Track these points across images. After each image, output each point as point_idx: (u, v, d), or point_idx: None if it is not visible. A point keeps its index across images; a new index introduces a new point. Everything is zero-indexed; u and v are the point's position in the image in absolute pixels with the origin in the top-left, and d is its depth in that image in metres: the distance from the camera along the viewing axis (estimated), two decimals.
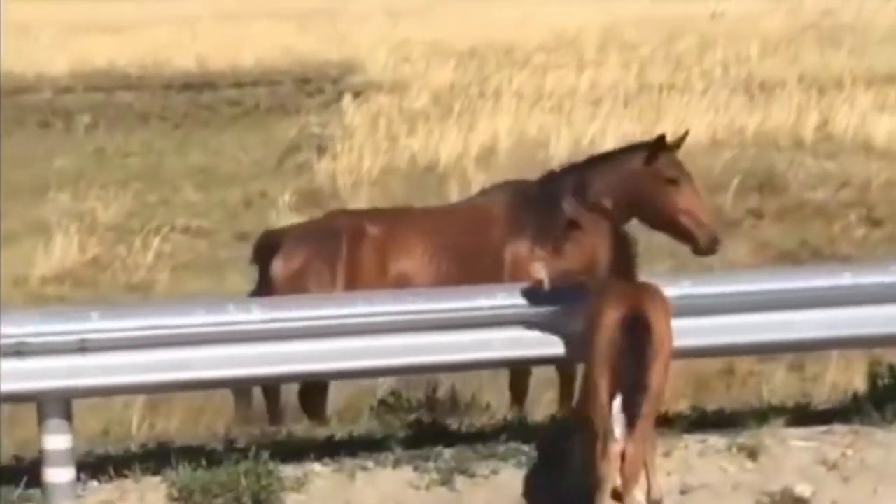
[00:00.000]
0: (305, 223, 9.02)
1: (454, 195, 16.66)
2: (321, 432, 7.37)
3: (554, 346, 6.66)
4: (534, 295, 6.49)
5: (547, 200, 7.76)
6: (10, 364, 6.20)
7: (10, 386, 6.22)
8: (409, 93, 24.00)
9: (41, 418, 6.33)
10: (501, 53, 27.45)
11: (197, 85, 26.76)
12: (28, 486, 6.46)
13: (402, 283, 7.62)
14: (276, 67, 27.72)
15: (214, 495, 6.38)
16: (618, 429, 5.80)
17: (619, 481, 5.88)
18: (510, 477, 6.82)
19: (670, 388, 8.71)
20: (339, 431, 7.37)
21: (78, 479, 6.50)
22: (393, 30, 30.46)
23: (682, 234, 7.92)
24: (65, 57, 27.55)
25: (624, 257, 6.86)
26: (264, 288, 7.74)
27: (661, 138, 7.83)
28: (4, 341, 6.15)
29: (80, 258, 15.87)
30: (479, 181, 18.54)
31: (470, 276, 7.48)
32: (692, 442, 7.27)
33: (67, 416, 6.36)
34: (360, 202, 16.60)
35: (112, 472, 6.64)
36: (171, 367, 6.36)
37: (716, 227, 7.84)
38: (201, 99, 26.16)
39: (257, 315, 6.44)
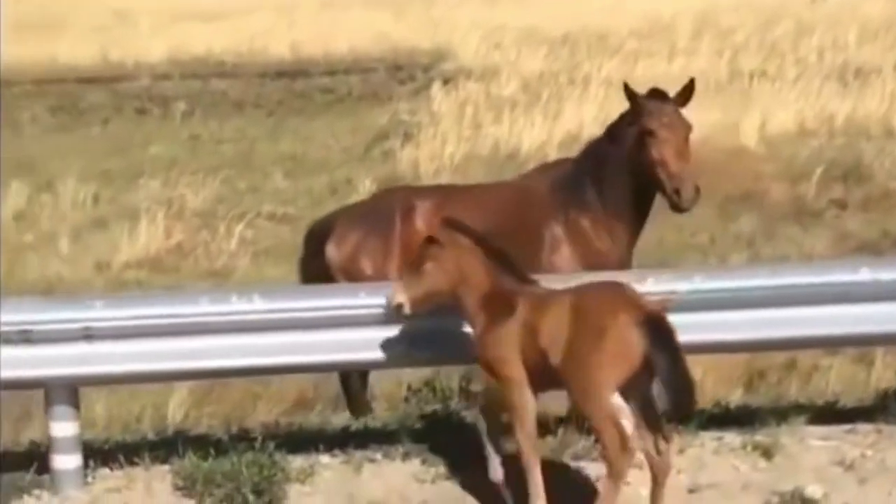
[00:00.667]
0: (355, 204, 9.03)
1: None
2: (336, 423, 7.47)
3: None
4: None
5: (578, 179, 7.59)
6: (18, 350, 6.38)
7: (17, 372, 6.40)
8: (498, 80, 23.96)
9: (48, 405, 6.52)
10: (594, 40, 27.27)
11: (291, 72, 27.01)
12: (39, 472, 6.65)
13: None
14: (370, 55, 27.85)
15: (217, 485, 6.51)
16: (629, 425, 5.83)
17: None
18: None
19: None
20: (354, 423, 7.46)
21: (87, 466, 6.68)
22: (488, 16, 30.42)
23: (657, 188, 7.33)
24: (163, 45, 28.02)
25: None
26: (321, 275, 7.78)
27: (652, 91, 7.42)
28: (11, 328, 6.32)
29: (164, 244, 16.17)
30: None
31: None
32: (708, 439, 7.24)
33: (74, 403, 6.54)
34: None
35: (122, 459, 6.81)
36: (175, 357, 6.49)
37: (684, 178, 7.06)
38: (295, 86, 26.40)
39: (259, 305, 6.53)
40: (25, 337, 6.41)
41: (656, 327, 5.74)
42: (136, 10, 32.07)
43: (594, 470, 6.83)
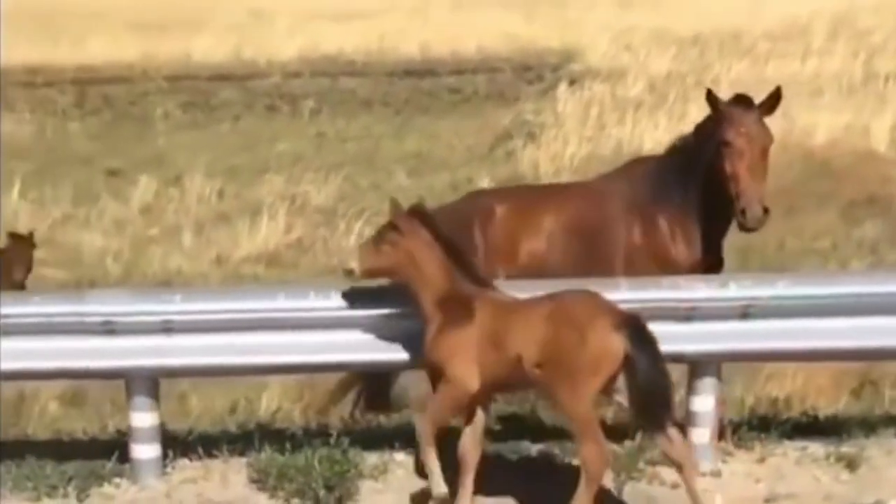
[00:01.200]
0: (440, 208, 9.05)
1: None
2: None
3: None
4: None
5: (661, 178, 7.38)
6: (101, 341, 6.53)
7: (100, 363, 6.56)
8: (624, 81, 23.74)
9: (129, 396, 6.66)
10: (725, 41, 26.84)
11: (419, 72, 27.11)
12: (120, 460, 6.79)
13: (533, 262, 7.59)
14: (498, 55, 27.81)
15: (289, 479, 6.58)
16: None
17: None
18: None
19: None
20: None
21: (167, 456, 6.81)
22: (620, 17, 30.18)
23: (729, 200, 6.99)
24: (295, 43, 28.35)
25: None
26: None
27: (736, 97, 7.14)
28: (95, 319, 6.48)
29: (283, 239, 16.39)
30: None
31: (591, 254, 7.39)
32: (791, 449, 7.10)
33: (154, 394, 6.66)
34: None
35: (201, 451, 6.92)
36: (252, 351, 6.58)
37: (752, 198, 6.74)
38: (423, 85, 26.49)
39: (337, 302, 6.58)
40: (108, 328, 6.55)
41: (635, 331, 5.79)
42: (272, 10, 32.54)
43: (671, 475, 6.76)
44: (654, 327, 6.60)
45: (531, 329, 5.86)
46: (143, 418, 6.63)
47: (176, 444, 7.01)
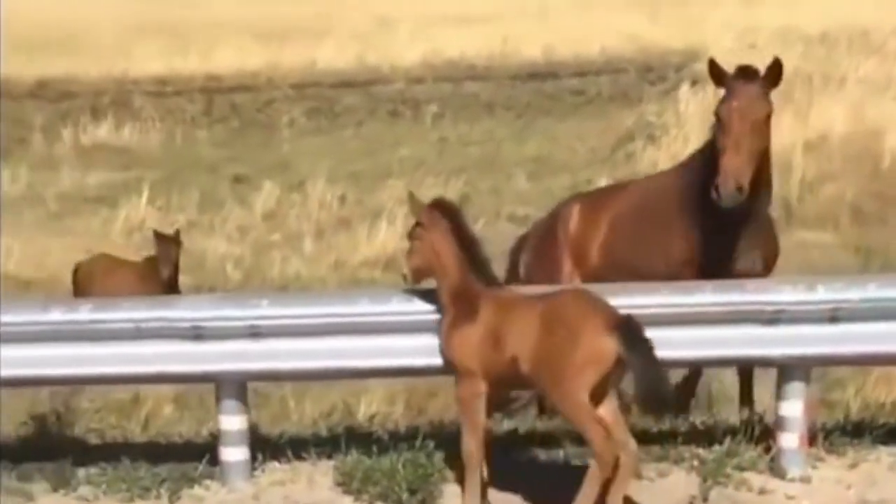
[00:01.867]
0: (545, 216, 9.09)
1: (776, 184, 16.28)
2: (505, 425, 7.51)
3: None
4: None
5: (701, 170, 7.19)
6: (190, 346, 6.68)
7: (189, 367, 6.71)
8: None
9: (218, 400, 6.79)
10: (853, 38, 26.26)
11: (542, 74, 27.05)
12: (211, 463, 6.93)
13: (602, 260, 7.60)
14: (621, 56, 27.60)
15: (374, 482, 6.65)
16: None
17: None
18: (678, 481, 6.74)
19: None
20: (522, 426, 7.48)
21: (256, 458, 6.92)
22: (744, 15, 29.69)
23: None
24: (418, 49, 28.52)
25: None
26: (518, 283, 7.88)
27: (739, 69, 7.04)
28: (184, 324, 6.63)
29: (402, 244, 16.47)
30: (806, 171, 18.09)
31: (652, 248, 7.35)
32: (885, 454, 6.94)
33: (242, 398, 6.79)
34: None
35: (290, 454, 7.02)
36: (335, 355, 6.66)
37: (728, 174, 6.47)
38: (545, 88, 26.45)
39: (420, 307, 6.63)
40: (197, 333, 6.69)
41: (627, 332, 5.71)
42: (396, 16, 32.78)
43: (759, 481, 6.68)
44: (740, 331, 6.62)
45: (526, 328, 5.87)
46: (232, 421, 6.76)
47: (267, 447, 7.12)
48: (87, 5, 35.26)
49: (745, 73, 6.95)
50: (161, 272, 10.87)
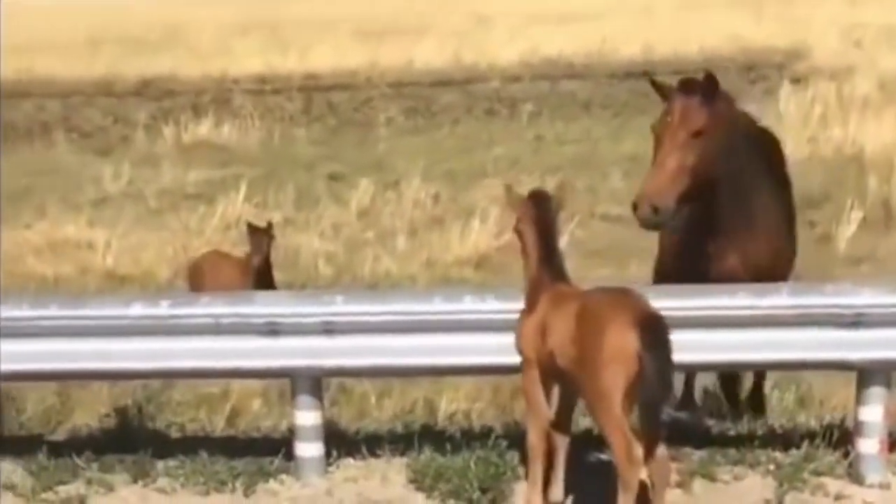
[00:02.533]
0: None
1: (873, 188, 16.02)
2: (581, 424, 7.45)
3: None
4: None
5: None
6: (266, 342, 6.75)
7: (265, 362, 6.78)
8: (852, 79, 23.04)
9: (292, 395, 6.86)
10: None
11: (639, 73, 26.93)
12: (286, 458, 7.00)
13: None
14: (722, 54, 27.38)
15: (446, 480, 6.66)
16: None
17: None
18: (753, 485, 6.66)
19: None
20: (596, 426, 7.42)
21: (331, 454, 6.98)
22: (850, 13, 29.29)
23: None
24: (516, 47, 28.55)
25: None
26: None
27: (681, 82, 6.78)
28: (260, 321, 6.70)
29: (494, 243, 16.47)
30: None
31: None
32: None
33: (317, 394, 6.84)
34: None
35: (364, 450, 7.06)
36: (407, 352, 6.69)
37: (644, 193, 6.49)
38: (643, 87, 26.12)
39: (493, 305, 6.63)
40: (273, 329, 6.76)
41: (647, 332, 5.58)
42: (493, 15, 32.84)
43: (836, 486, 6.57)
44: (817, 334, 6.51)
45: (563, 324, 5.84)
46: (307, 417, 6.81)
47: (343, 444, 7.17)
48: (187, 5, 35.81)
49: (685, 86, 6.77)
50: (251, 261, 11.00)
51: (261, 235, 11.23)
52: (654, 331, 5.61)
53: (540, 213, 6.20)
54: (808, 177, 17.46)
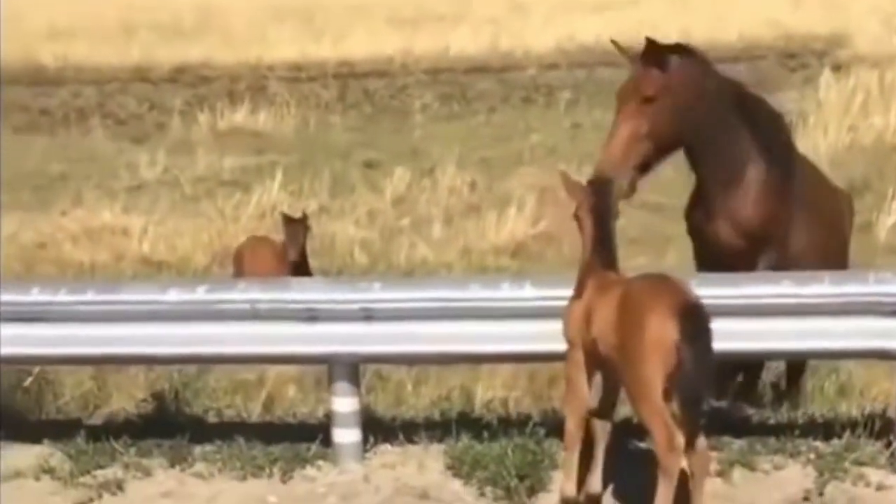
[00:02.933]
0: None
1: None
2: (621, 412, 7.40)
3: None
4: None
5: None
6: (304, 328, 6.73)
7: (303, 348, 6.77)
8: (894, 67, 22.76)
9: (330, 381, 6.84)
10: None
11: None
12: (324, 444, 6.98)
13: None
14: (761, 42, 27.12)
15: (483, 467, 6.63)
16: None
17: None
18: (793, 474, 6.58)
19: None
20: (635, 415, 7.37)
21: (368, 440, 6.95)
22: (891, 0, 28.96)
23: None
24: (552, 34, 28.37)
25: None
26: None
27: (644, 48, 6.92)
28: (298, 306, 6.68)
29: (531, 231, 16.40)
30: None
31: None
32: None
33: (355, 380, 6.82)
34: None
35: (402, 437, 7.04)
36: (444, 339, 6.65)
37: (597, 167, 6.60)
38: None
39: (530, 292, 6.59)
40: (311, 315, 6.74)
41: (689, 318, 5.52)
42: (529, 1, 32.70)
43: (877, 476, 6.50)
44: (861, 323, 6.43)
45: (606, 311, 5.78)
46: (345, 403, 6.80)
47: (380, 430, 7.14)
48: None
49: (643, 53, 6.92)
50: (288, 254, 10.98)
51: (296, 226, 11.22)
52: (695, 319, 5.55)
53: (597, 201, 6.15)
54: (848, 165, 17.33)
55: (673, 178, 19.58)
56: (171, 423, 7.57)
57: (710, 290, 6.17)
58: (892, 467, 6.53)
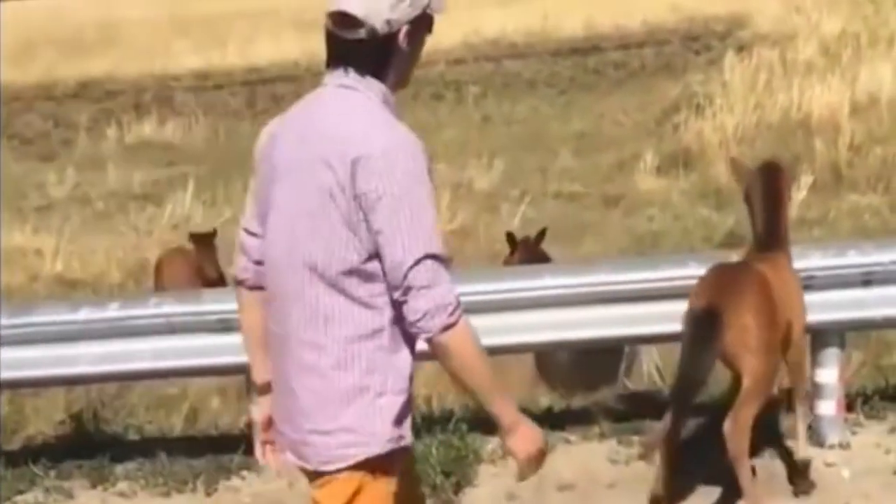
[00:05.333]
0: None
1: (821, 152, 16.09)
2: (542, 404, 7.46)
3: None
4: None
5: None
6: (219, 339, 6.70)
7: (219, 359, 6.71)
8: (794, 44, 23.07)
9: (248, 390, 6.78)
10: None
11: (583, 49, 26.88)
12: (245, 453, 6.93)
13: None
14: (664, 26, 27.38)
15: None
16: None
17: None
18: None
19: None
20: (557, 404, 7.43)
21: None
22: None
23: None
24: (458, 30, 28.39)
25: None
26: None
27: None
28: (211, 317, 6.65)
29: (447, 226, 16.36)
30: (855, 134, 17.80)
31: None
32: None
33: None
34: (724, 164, 16.24)
35: None
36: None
37: None
38: (587, 63, 26.26)
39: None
40: (225, 325, 6.67)
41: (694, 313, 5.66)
42: None
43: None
44: None
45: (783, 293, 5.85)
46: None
47: None
48: (120, 4, 35.49)
49: None
50: (208, 274, 10.87)
51: (207, 242, 11.12)
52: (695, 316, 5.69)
53: (767, 184, 6.12)
54: (756, 143, 17.56)
55: (581, 167, 19.78)
56: (91, 443, 7.48)
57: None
58: (812, 440, 6.60)
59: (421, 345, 6.46)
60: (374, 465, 3.64)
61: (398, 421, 3.66)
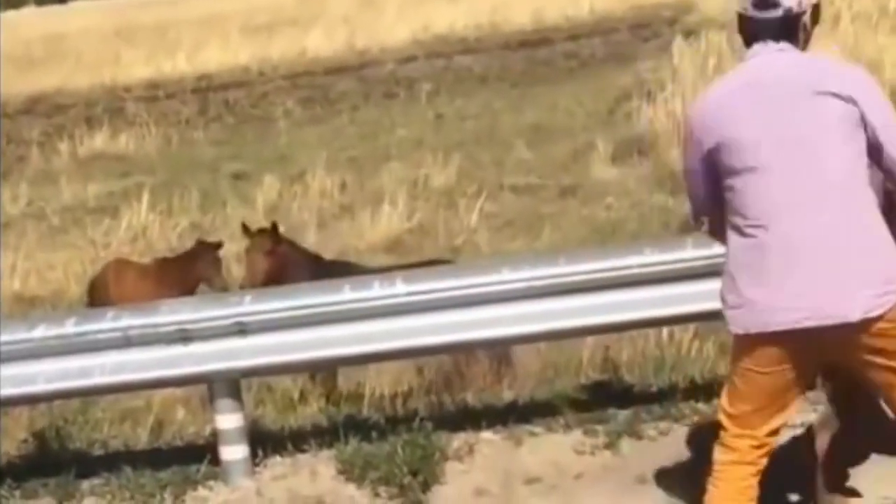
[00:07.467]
0: None
1: None
2: (506, 398, 7.46)
3: None
4: None
5: None
6: (178, 349, 6.64)
7: (179, 370, 6.67)
8: None
9: (212, 399, 6.76)
10: None
11: (533, 41, 26.95)
12: (211, 463, 6.90)
13: None
14: (613, 14, 27.49)
15: (374, 468, 6.60)
16: None
17: None
18: (678, 438, 6.66)
19: None
20: (521, 397, 7.43)
21: (257, 455, 6.89)
22: None
23: None
24: (407, 27, 28.44)
25: None
26: None
27: None
28: (169, 328, 6.60)
29: (406, 225, 16.37)
30: None
31: None
32: None
33: (236, 395, 6.74)
34: (678, 149, 16.31)
35: (291, 447, 6.98)
36: (324, 345, 6.60)
37: None
38: (538, 55, 26.34)
39: (401, 289, 6.58)
40: (184, 335, 6.65)
41: None
42: None
43: None
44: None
45: None
46: (229, 420, 6.70)
47: (268, 442, 7.07)
48: (66, 16, 35.25)
49: None
50: (213, 283, 10.83)
51: (213, 251, 11.09)
52: None
53: None
54: None
55: (536, 159, 19.81)
56: (55, 460, 7.41)
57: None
58: None
59: (377, 346, 6.54)
60: None
61: None
